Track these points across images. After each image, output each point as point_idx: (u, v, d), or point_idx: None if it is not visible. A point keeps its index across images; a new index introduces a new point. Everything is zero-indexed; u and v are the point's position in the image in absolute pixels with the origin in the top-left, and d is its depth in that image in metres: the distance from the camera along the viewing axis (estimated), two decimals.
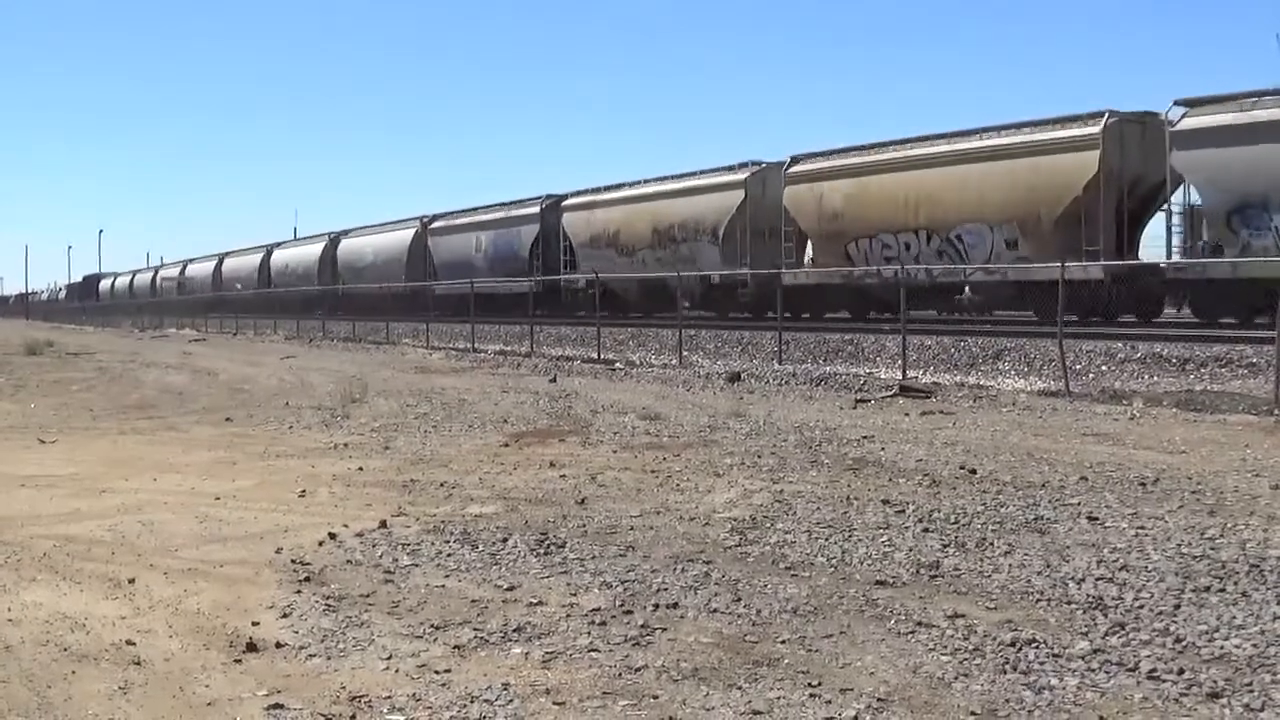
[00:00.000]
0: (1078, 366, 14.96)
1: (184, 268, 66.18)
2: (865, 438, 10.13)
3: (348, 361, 24.14)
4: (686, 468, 8.70)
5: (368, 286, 39.42)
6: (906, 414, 12.22)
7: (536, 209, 34.40)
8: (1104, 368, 14.97)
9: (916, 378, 15.80)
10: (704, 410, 12.76)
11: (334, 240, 48.25)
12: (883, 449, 9.45)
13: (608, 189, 31.99)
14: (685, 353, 20.70)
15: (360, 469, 8.99)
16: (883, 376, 16.20)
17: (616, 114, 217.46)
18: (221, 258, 60.31)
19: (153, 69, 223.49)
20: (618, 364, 20.81)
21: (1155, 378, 14.17)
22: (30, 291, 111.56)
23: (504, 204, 37.08)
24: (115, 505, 7.53)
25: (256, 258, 55.12)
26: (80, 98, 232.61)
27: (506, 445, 10.25)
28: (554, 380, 17.55)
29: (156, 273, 73.44)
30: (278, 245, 55.59)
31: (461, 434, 11.17)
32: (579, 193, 33.19)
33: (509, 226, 35.73)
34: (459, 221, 39.16)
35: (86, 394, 17.06)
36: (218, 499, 7.70)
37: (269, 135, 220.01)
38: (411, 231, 41.52)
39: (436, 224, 40.71)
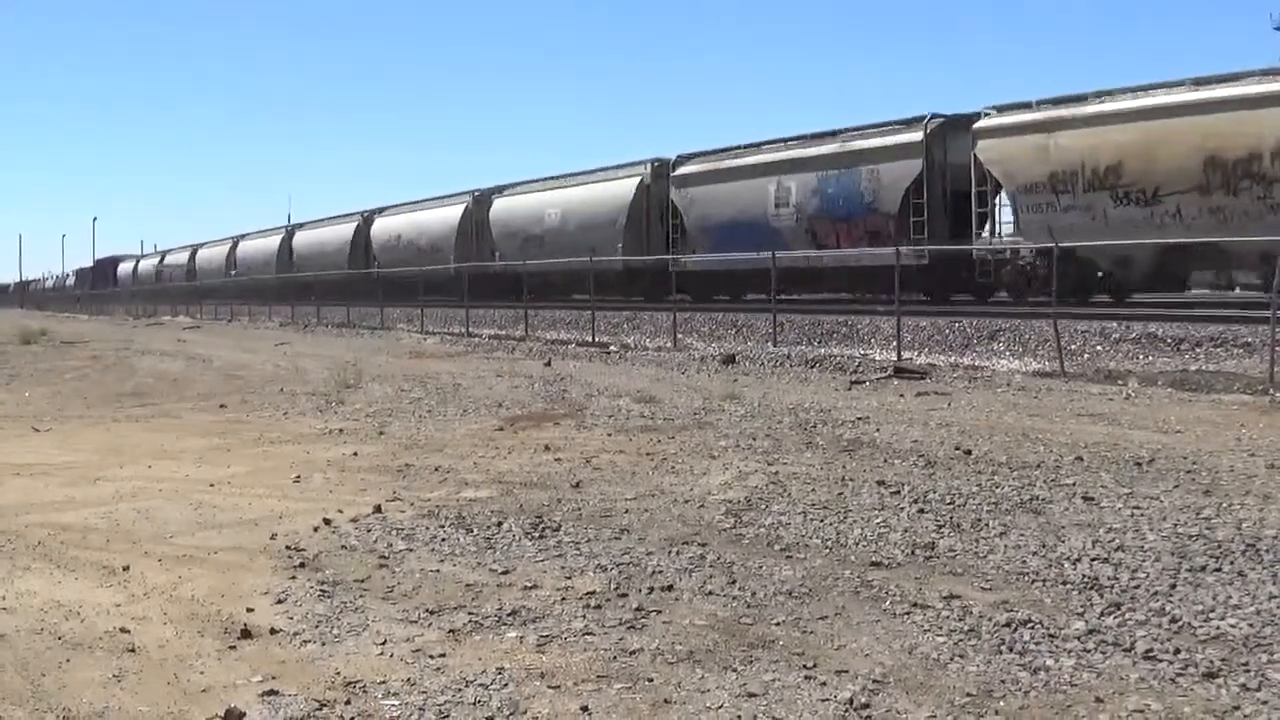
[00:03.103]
0: (1073, 347, 14.96)
1: (235, 243, 55.18)
2: (860, 419, 10.12)
3: (342, 347, 24.09)
4: (681, 450, 8.69)
5: (554, 263, 27.37)
6: (901, 395, 12.21)
7: (917, 135, 21.99)
8: (1099, 348, 14.96)
9: (911, 359, 15.80)
10: (699, 393, 12.75)
11: (481, 201, 35.26)
12: (877, 430, 9.44)
13: (1080, 99, 19.48)
14: (680, 335, 20.67)
15: (355, 454, 8.97)
16: (877, 358, 16.19)
17: (617, 100, 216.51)
18: (291, 230, 49.74)
19: (144, 57, 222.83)
20: (612, 347, 20.79)
21: (1150, 357, 14.17)
22: (33, 279, 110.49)
23: (834, 132, 24.15)
24: (110, 493, 7.51)
25: (349, 227, 43.72)
26: (72, 87, 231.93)
27: (501, 429, 10.24)
28: (549, 364, 17.53)
29: (195, 253, 61.19)
30: (379, 212, 42.70)
31: (456, 418, 11.15)
32: (1012, 107, 20.56)
33: (851, 166, 23.08)
34: (735, 163, 26.03)
35: (81, 382, 17.02)
36: (212, 486, 7.68)
37: (262, 121, 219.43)
38: (633, 182, 28.83)
39: (688, 168, 27.38)
